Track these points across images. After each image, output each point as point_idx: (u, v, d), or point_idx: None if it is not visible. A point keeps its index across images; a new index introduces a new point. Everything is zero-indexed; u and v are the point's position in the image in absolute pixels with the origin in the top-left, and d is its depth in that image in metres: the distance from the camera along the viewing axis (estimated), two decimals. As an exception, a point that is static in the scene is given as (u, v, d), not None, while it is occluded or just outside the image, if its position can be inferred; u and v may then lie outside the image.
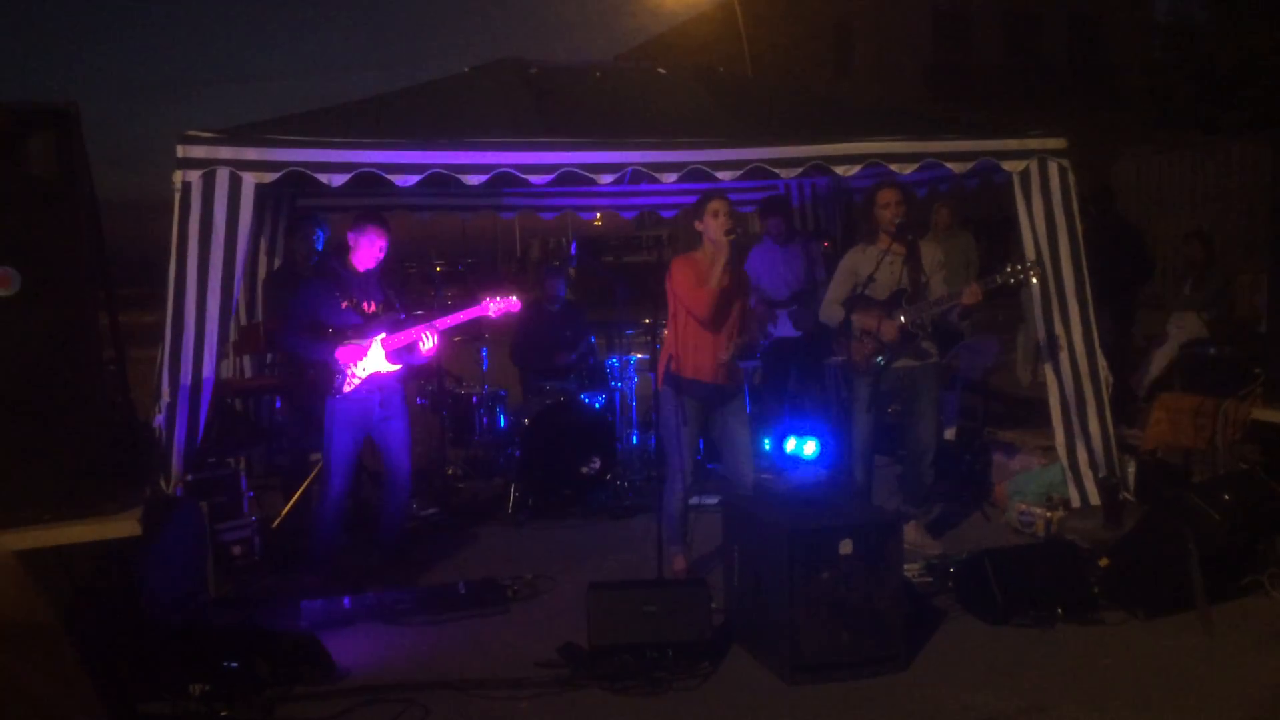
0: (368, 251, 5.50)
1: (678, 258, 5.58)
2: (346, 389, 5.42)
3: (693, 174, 6.03)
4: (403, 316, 5.61)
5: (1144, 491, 6.39)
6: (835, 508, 4.80)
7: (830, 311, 5.94)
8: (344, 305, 5.47)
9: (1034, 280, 5.84)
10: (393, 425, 5.63)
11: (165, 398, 5.34)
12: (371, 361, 5.46)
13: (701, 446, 6.75)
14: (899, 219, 5.76)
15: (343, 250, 5.62)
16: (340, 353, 5.39)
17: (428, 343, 5.57)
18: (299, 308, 5.51)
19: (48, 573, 4.08)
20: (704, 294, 5.32)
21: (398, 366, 5.56)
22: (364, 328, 5.48)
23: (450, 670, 4.51)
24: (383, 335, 5.49)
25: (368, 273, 5.56)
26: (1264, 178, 15.08)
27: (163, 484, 5.26)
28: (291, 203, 7.82)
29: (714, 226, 5.35)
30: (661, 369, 5.48)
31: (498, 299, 5.90)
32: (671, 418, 5.43)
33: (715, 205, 5.36)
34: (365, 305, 5.54)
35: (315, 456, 6.16)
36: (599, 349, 8.17)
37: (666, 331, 5.59)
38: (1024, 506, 6.29)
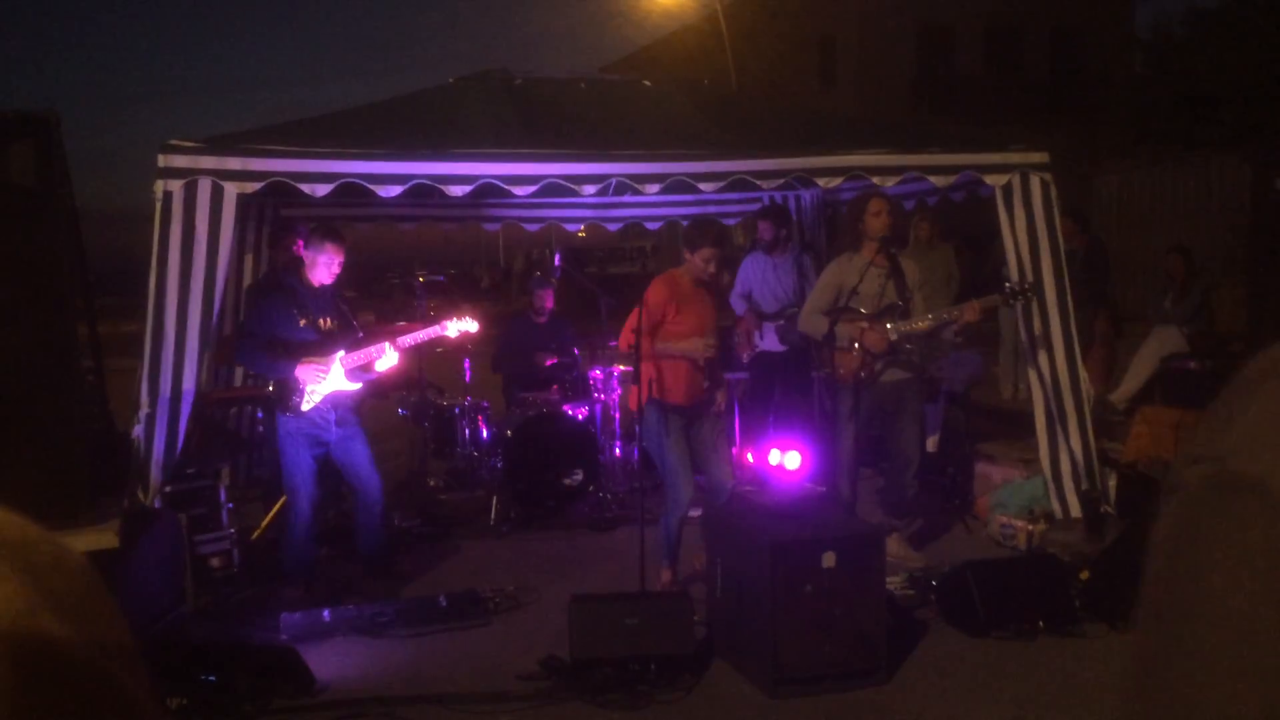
0: (325, 268, 5.44)
1: (660, 277, 5.55)
2: (305, 407, 5.36)
3: (676, 186, 6.03)
4: (360, 334, 5.56)
5: (1125, 505, 6.41)
6: (818, 520, 4.79)
7: (813, 322, 5.93)
8: (301, 322, 5.41)
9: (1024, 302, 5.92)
10: (354, 445, 5.56)
11: (144, 408, 5.31)
12: (333, 380, 5.41)
13: None
14: (889, 228, 5.80)
15: (297, 265, 5.55)
16: (301, 370, 5.31)
17: (387, 361, 5.50)
18: (255, 324, 5.45)
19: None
20: (629, 339, 5.29)
21: (358, 385, 5.52)
22: (323, 345, 5.42)
23: (431, 683, 4.48)
24: (342, 353, 5.44)
25: (323, 288, 5.50)
26: (1243, 192, 15.19)
27: (141, 495, 5.22)
28: (275, 212, 7.79)
29: (700, 271, 5.37)
30: (645, 389, 5.40)
31: (456, 319, 5.84)
32: (660, 438, 5.41)
33: (707, 253, 5.36)
34: (321, 322, 5.48)
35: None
36: (583, 360, 8.16)
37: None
38: (1006, 519, 6.30)
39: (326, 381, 5.38)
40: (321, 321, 5.47)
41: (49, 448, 4.22)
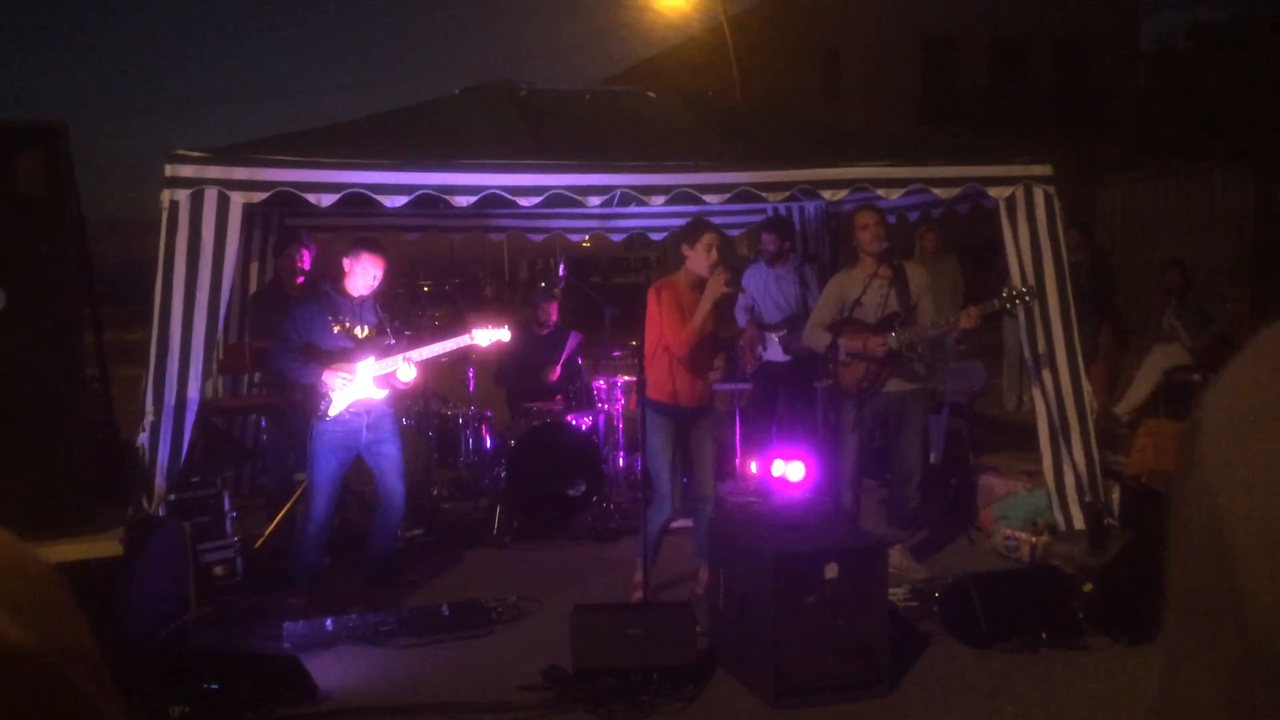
0: (361, 278, 5.51)
1: (658, 282, 5.62)
2: (332, 413, 5.41)
3: (681, 197, 6.05)
4: (391, 342, 5.60)
5: (1129, 517, 6.40)
6: (820, 531, 4.80)
7: (815, 336, 5.94)
8: (335, 329, 5.47)
9: (1023, 306, 5.90)
10: (385, 450, 5.63)
11: (149, 416, 5.31)
12: (359, 387, 5.45)
13: None
14: (879, 240, 5.80)
15: (337, 274, 5.61)
16: (327, 376, 5.38)
17: (407, 374, 5.55)
18: (291, 330, 5.50)
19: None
20: (686, 333, 5.32)
21: (385, 392, 5.55)
22: (353, 352, 5.48)
23: (433, 692, 4.48)
24: (372, 360, 5.49)
25: (361, 297, 5.57)
26: (1247, 205, 15.22)
27: (145, 503, 5.22)
28: (280, 221, 7.81)
29: (703, 261, 5.39)
30: (642, 387, 5.46)
31: (486, 328, 5.87)
32: (654, 441, 5.46)
33: (709, 239, 5.40)
34: (357, 329, 5.53)
35: (299, 477, 6.13)
36: (586, 370, 8.17)
37: (647, 351, 5.58)
38: (1009, 531, 6.29)
39: (352, 388, 5.42)
40: (359, 330, 5.53)
41: (55, 455, 4.24)
